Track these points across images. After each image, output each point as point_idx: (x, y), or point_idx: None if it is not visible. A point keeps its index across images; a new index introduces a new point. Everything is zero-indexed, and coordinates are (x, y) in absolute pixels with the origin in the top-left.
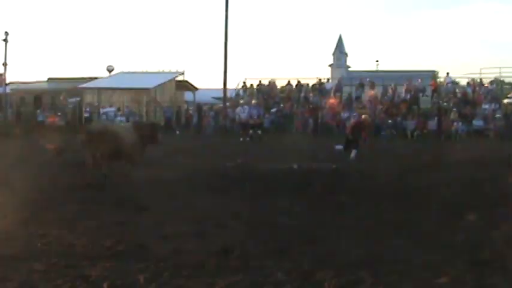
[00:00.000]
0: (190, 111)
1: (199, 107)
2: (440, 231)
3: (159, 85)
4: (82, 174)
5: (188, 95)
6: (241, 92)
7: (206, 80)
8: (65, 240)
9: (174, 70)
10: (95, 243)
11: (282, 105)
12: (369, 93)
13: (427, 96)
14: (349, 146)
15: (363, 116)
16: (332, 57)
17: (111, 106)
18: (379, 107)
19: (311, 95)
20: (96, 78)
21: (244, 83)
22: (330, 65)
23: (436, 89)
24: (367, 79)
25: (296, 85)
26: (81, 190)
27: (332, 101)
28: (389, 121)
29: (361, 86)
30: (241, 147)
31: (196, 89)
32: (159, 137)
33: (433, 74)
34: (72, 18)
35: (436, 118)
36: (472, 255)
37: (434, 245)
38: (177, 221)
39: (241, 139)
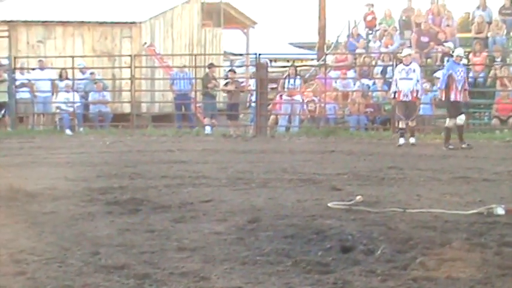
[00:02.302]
0: (239, 79)
1: (260, 67)
2: None
3: (160, 14)
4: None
5: (232, 39)
6: (362, 29)
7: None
8: None
9: None
10: None
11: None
12: None
13: None
14: None
15: None
16: None
17: (42, 67)
18: None
19: None
20: None
21: (370, 6)
22: None
23: None
24: None
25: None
26: None
27: None
28: None
29: None
30: (365, 164)
31: (253, 23)
32: None
33: None
34: None
35: None
36: None
37: None
38: None
39: (402, 142)
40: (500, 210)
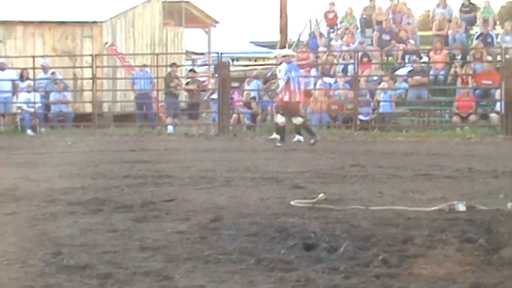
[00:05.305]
0: (201, 78)
1: (222, 66)
2: None
3: (122, 13)
4: None
5: (194, 38)
6: (324, 27)
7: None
8: None
9: None
10: None
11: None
12: None
13: None
14: None
15: None
16: None
17: (2, 67)
18: None
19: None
20: None
21: (332, 4)
22: None
23: None
24: None
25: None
26: None
27: None
28: None
29: None
30: (327, 161)
31: (214, 22)
32: None
33: None
34: None
35: None
36: None
37: None
38: None
39: (272, 137)
40: (461, 207)
